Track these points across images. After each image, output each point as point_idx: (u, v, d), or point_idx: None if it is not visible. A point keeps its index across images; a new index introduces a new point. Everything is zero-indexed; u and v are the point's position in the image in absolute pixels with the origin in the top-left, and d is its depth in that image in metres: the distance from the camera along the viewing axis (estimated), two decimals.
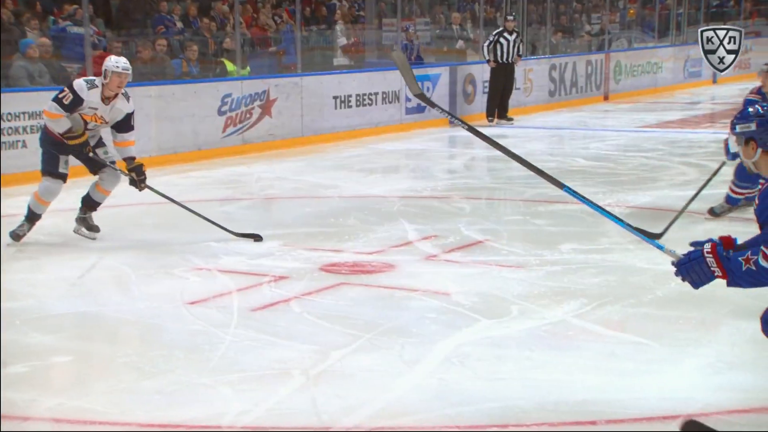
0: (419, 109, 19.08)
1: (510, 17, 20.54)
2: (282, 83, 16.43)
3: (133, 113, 9.64)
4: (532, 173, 8.06)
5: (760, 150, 5.09)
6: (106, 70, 9.20)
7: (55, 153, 9.24)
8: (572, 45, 25.75)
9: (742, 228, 9.21)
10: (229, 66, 16.48)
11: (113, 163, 9.54)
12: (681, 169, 13.86)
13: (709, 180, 10.23)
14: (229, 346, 6.80)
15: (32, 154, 11.57)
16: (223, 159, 15.01)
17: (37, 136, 10.06)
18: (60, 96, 9.10)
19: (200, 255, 9.07)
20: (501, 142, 17.32)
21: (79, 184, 9.95)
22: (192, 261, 8.96)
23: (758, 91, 10.35)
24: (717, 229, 9.14)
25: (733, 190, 10.34)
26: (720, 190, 10.53)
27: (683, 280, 5.05)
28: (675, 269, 5.18)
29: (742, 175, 10.08)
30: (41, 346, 6.76)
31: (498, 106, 20.03)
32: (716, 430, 3.89)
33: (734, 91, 26.08)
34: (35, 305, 7.74)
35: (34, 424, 5.46)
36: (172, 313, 7.54)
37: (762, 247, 4.89)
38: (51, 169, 9.21)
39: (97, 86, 9.17)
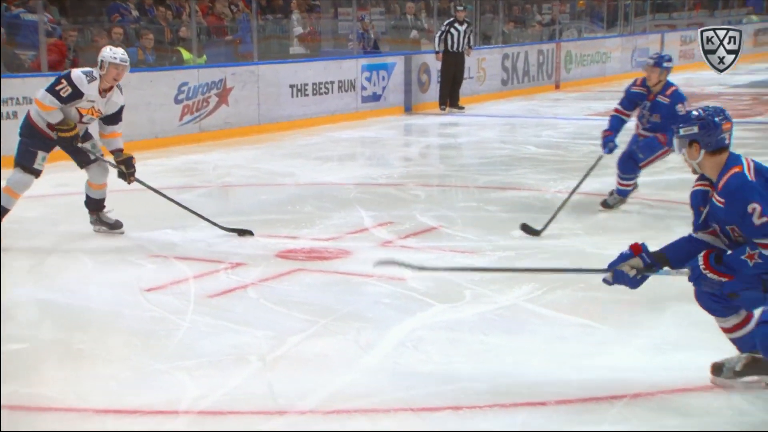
0: (375, 98, 19.10)
1: (460, 8, 20.56)
2: (238, 72, 16.36)
3: (124, 106, 9.29)
4: (484, 160, 8.13)
5: (703, 151, 5.38)
6: (102, 61, 8.78)
7: (34, 149, 8.88)
8: (524, 35, 25.83)
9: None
10: (186, 54, 16.41)
11: (102, 154, 9.33)
12: None
13: (587, 173, 10.17)
14: (186, 332, 6.79)
15: None
16: (180, 147, 14.92)
17: None
18: (57, 88, 8.74)
19: (157, 242, 9.02)
20: (453, 130, 17.45)
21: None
22: (149, 248, 8.90)
23: (642, 83, 10.26)
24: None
25: (620, 183, 10.39)
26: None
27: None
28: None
29: (625, 168, 10.19)
30: None
31: (449, 95, 20.02)
32: None
33: (679, 80, 26.09)
34: None
35: None
36: (129, 300, 7.50)
37: (756, 241, 5.19)
38: (26, 164, 8.86)
39: (95, 78, 8.81)
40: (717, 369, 5.76)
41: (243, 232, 9.22)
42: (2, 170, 10.04)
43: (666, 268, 5.55)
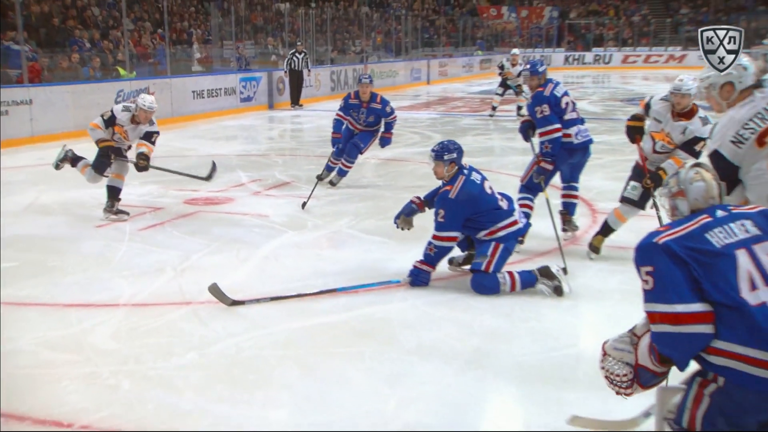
0: (248, 99, 18.80)
1: (299, 43, 20.47)
2: (158, 82, 15.87)
3: (153, 132, 8.19)
4: (320, 139, 8.10)
5: (456, 167, 5.68)
6: (137, 105, 7.96)
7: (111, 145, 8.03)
8: (345, 59, 25.67)
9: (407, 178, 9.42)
10: (122, 71, 15.86)
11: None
12: (410, 136, 14.08)
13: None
14: (123, 253, 6.65)
15: None
16: None
17: None
18: (102, 113, 8.02)
19: (105, 196, 8.72)
20: (299, 119, 17.06)
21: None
22: (99, 200, 8.58)
23: (356, 96, 9.40)
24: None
25: (345, 165, 9.47)
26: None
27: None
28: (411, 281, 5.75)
29: (351, 153, 9.45)
30: None
31: (295, 98, 19.86)
32: None
33: (438, 89, 26.62)
34: None
35: None
36: (86, 234, 7.30)
37: (433, 234, 5.68)
38: (115, 153, 7.96)
39: (130, 111, 7.94)
40: (450, 260, 6.09)
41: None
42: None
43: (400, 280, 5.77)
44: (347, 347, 4.69)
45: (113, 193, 7.95)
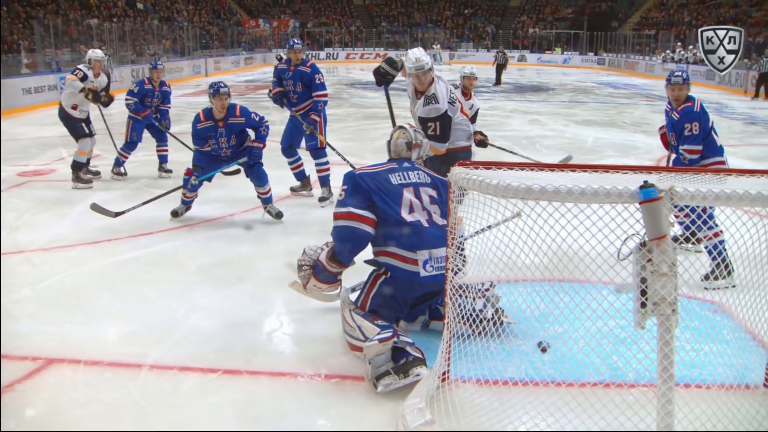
0: None
1: (103, 48, 18.62)
2: None
3: (109, 81, 7.63)
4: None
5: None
6: (89, 59, 7.24)
7: (78, 124, 7.19)
8: (142, 59, 23.46)
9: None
10: None
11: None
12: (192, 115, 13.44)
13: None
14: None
15: None
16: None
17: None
18: (75, 73, 7.13)
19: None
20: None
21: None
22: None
23: (149, 81, 7.95)
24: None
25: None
26: None
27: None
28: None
29: (129, 147, 7.78)
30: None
31: None
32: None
33: (215, 80, 25.34)
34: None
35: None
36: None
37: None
38: (81, 133, 7.18)
39: (90, 68, 7.21)
40: (172, 213, 5.88)
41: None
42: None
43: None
44: (146, 275, 4.57)
45: (77, 166, 7.21)
